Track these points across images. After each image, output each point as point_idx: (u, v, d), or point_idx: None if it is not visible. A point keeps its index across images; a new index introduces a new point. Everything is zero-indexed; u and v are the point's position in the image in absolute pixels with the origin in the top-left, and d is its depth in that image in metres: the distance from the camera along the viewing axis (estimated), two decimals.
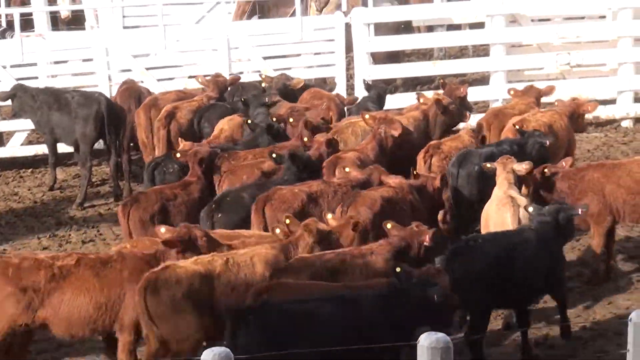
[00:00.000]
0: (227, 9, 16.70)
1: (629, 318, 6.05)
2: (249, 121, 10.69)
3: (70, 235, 11.21)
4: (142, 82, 13.54)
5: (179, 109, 11.70)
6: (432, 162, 9.74)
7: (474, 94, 14.21)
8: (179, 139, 10.94)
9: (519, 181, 8.68)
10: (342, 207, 8.29)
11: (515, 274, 7.48)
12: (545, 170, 8.91)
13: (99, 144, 12.45)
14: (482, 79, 15.38)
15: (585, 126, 11.31)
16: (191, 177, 9.60)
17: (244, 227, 8.41)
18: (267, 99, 11.43)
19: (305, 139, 9.89)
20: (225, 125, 11.04)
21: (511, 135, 10.01)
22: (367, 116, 10.16)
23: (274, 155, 9.09)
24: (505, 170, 8.55)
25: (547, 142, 9.47)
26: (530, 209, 7.91)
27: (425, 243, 7.44)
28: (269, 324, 6.34)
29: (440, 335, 5.52)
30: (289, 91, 12.02)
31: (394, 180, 8.75)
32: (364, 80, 12.39)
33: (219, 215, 8.75)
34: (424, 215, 8.50)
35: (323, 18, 14.93)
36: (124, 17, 17.05)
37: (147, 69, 14.25)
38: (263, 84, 12.27)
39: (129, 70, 14.14)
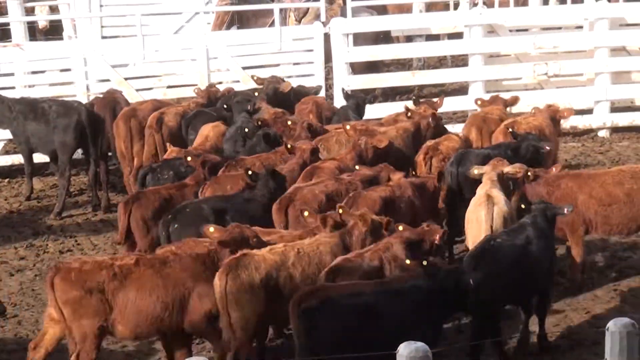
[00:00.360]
0: (205, 19, 16.69)
1: (607, 327, 6.08)
2: (246, 129, 10.67)
3: (47, 245, 11.13)
4: (121, 92, 13.49)
5: (166, 113, 11.76)
6: (432, 162, 10.00)
7: (452, 104, 14.35)
8: (168, 144, 11.00)
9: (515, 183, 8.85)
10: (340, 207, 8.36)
11: (528, 270, 7.73)
12: (529, 173, 9.01)
13: (77, 154, 12.40)
14: (460, 89, 15.46)
15: (561, 132, 11.54)
16: (190, 180, 9.64)
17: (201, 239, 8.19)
18: (249, 106, 11.43)
19: (289, 146, 9.92)
20: (211, 133, 11.08)
21: (502, 138, 10.31)
22: (348, 127, 10.17)
23: (249, 172, 9.03)
24: (493, 171, 8.69)
25: (546, 147, 9.71)
26: (522, 206, 8.22)
27: (436, 242, 7.71)
28: (339, 320, 6.76)
29: (420, 344, 5.54)
30: (279, 95, 12.06)
31: (397, 178, 9.02)
32: (343, 90, 12.42)
33: (176, 226, 8.63)
34: (423, 214, 8.82)
35: (302, 28, 14.95)
36: (102, 27, 17.03)
37: (126, 79, 14.20)
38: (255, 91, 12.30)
39: (108, 80, 14.10)
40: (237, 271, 7.27)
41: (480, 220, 8.21)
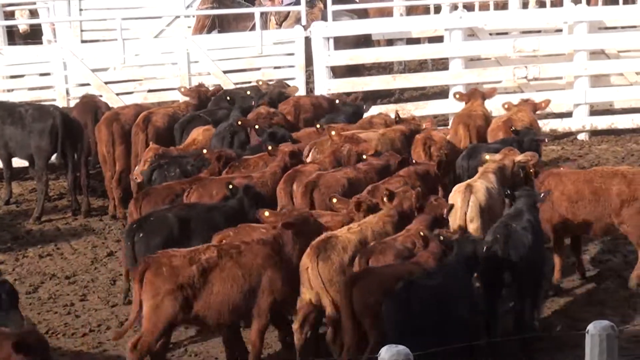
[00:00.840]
0: (186, 23, 16.66)
1: (587, 330, 6.12)
2: (257, 127, 10.74)
3: (27, 249, 11.07)
4: (101, 96, 13.45)
5: (154, 113, 11.76)
6: (432, 151, 10.27)
7: (433, 107, 14.40)
8: (150, 142, 11.00)
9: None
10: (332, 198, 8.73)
11: (533, 255, 8.06)
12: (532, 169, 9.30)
13: (56, 158, 12.34)
14: (441, 92, 15.49)
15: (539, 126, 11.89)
16: (205, 174, 9.66)
17: (166, 248, 8.11)
18: (253, 102, 11.58)
19: (270, 148, 9.92)
20: (200, 136, 11.08)
21: (501, 134, 10.73)
22: (333, 132, 10.19)
23: (230, 186, 8.97)
24: (495, 163, 9.04)
25: (546, 140, 10.15)
26: (507, 192, 8.59)
27: (443, 215, 8.19)
28: (419, 302, 7.08)
29: (401, 347, 5.57)
30: (283, 99, 12.04)
31: (405, 169, 9.35)
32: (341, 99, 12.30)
33: (140, 235, 8.52)
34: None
35: (283, 32, 14.94)
36: (82, 31, 16.93)
37: (106, 83, 14.15)
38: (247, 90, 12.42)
39: (88, 84, 14.04)
40: (326, 253, 7.59)
41: (456, 207, 8.46)
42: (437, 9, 17.29)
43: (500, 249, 7.86)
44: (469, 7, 16.12)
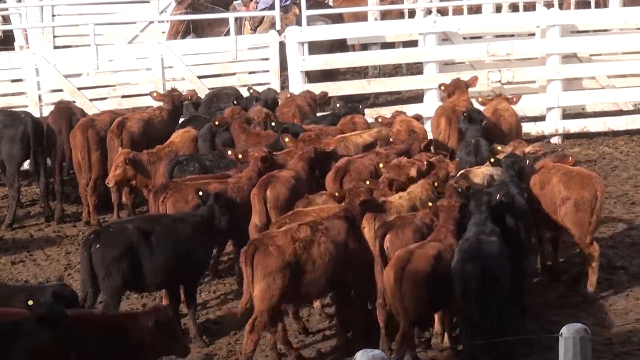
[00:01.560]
0: (160, 28, 16.60)
1: (560, 333, 6.15)
2: (273, 123, 10.93)
3: None
4: (74, 102, 13.37)
5: (129, 119, 11.71)
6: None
7: (408, 112, 14.35)
8: (120, 147, 11.02)
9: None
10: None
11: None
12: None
13: (29, 165, 12.25)
14: (416, 97, 15.54)
15: None
16: (245, 173, 9.67)
17: (124, 260, 8.24)
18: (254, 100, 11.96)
19: (240, 156, 9.91)
20: (178, 138, 11.08)
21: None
22: (287, 139, 10.21)
23: (200, 193, 8.94)
24: (505, 152, 9.38)
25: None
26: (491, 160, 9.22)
27: (450, 172, 9.16)
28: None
29: (377, 352, 5.57)
30: (276, 104, 12.18)
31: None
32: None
33: (97, 246, 8.33)
34: None
35: (257, 37, 14.92)
36: (54, 37, 16.83)
37: (79, 88, 14.07)
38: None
39: (60, 90, 13.96)
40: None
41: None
42: (412, 14, 17.36)
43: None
44: (442, 12, 16.17)
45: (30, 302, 6.51)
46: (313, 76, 14.70)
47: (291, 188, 9.45)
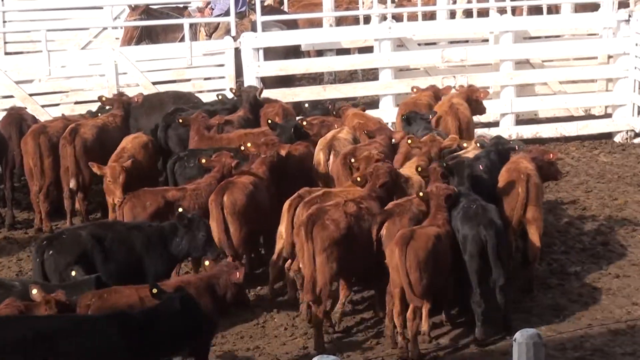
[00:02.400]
0: (114, 35, 16.45)
1: (514, 338, 6.21)
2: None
3: None
4: (25, 108, 13.19)
5: (82, 125, 11.59)
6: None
7: None
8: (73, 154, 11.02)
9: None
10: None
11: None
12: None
13: None
14: (371, 103, 15.59)
15: (484, 109, 12.57)
16: (205, 179, 9.81)
17: (79, 267, 8.02)
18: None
19: (204, 161, 9.95)
20: (129, 144, 11.00)
21: (450, 119, 11.47)
22: (249, 144, 10.24)
23: (180, 211, 8.84)
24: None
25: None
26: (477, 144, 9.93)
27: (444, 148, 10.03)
28: None
29: (332, 358, 5.62)
30: (259, 103, 12.30)
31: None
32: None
33: (50, 252, 8.23)
34: None
35: (212, 43, 14.84)
36: (5, 43, 16.62)
37: (31, 95, 13.88)
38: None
39: (12, 96, 13.77)
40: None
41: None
42: (367, 20, 17.41)
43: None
44: (397, 18, 16.26)
45: (154, 290, 6.98)
46: (268, 82, 14.66)
47: (249, 194, 9.50)
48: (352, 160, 9.70)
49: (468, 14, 17.83)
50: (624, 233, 11.06)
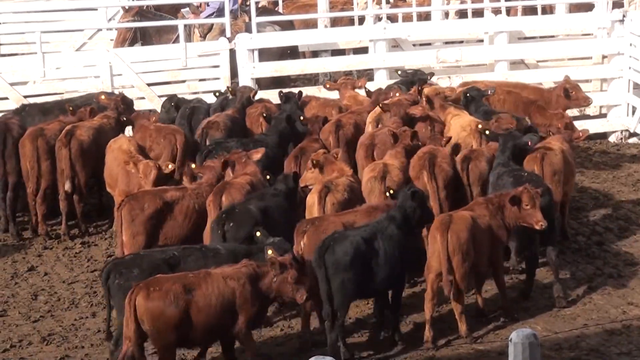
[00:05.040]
0: (109, 36, 16.43)
1: (510, 338, 6.22)
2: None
3: None
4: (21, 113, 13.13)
5: (78, 127, 11.59)
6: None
7: None
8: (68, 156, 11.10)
9: None
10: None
11: None
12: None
13: None
14: None
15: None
16: (206, 180, 10.00)
17: (250, 238, 8.78)
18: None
19: (194, 166, 10.11)
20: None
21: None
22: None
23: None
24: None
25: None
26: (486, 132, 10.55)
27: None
28: None
29: (329, 358, 5.66)
30: (252, 104, 12.42)
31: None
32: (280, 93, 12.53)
33: (231, 224, 8.98)
34: None
35: (207, 44, 14.84)
36: (0, 44, 16.59)
37: (26, 97, 13.85)
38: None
39: (6, 98, 13.75)
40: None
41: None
42: (362, 21, 17.41)
43: None
44: (392, 19, 16.27)
45: (270, 252, 8.14)
46: (263, 83, 14.68)
47: (246, 194, 9.55)
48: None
49: (463, 14, 17.84)
50: (619, 233, 11.08)
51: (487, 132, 10.43)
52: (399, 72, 13.35)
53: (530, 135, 10.39)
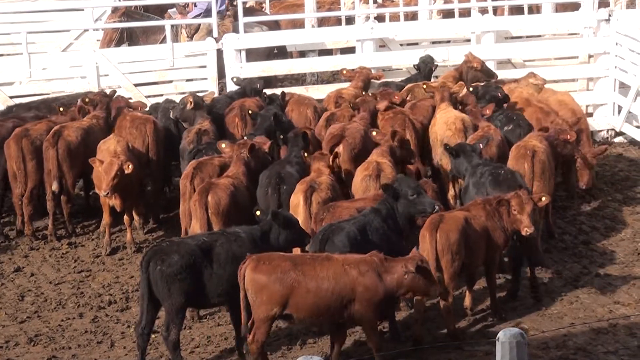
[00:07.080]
0: (95, 37, 16.38)
1: (497, 338, 6.23)
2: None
3: None
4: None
5: (66, 127, 11.56)
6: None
7: None
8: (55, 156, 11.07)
9: None
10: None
11: None
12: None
13: None
14: None
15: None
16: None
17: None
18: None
19: (223, 145, 10.36)
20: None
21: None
22: (223, 145, 10.43)
23: None
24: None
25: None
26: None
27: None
28: None
29: (316, 358, 5.66)
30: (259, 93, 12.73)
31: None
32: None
33: (285, 187, 9.68)
34: None
35: (194, 44, 14.81)
36: None
37: (12, 97, 13.80)
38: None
39: None
40: None
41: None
42: (349, 21, 17.41)
43: None
44: (380, 19, 16.27)
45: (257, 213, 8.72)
46: None
47: (231, 194, 9.63)
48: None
49: (449, 14, 17.87)
50: (605, 232, 11.12)
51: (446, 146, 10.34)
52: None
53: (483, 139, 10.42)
